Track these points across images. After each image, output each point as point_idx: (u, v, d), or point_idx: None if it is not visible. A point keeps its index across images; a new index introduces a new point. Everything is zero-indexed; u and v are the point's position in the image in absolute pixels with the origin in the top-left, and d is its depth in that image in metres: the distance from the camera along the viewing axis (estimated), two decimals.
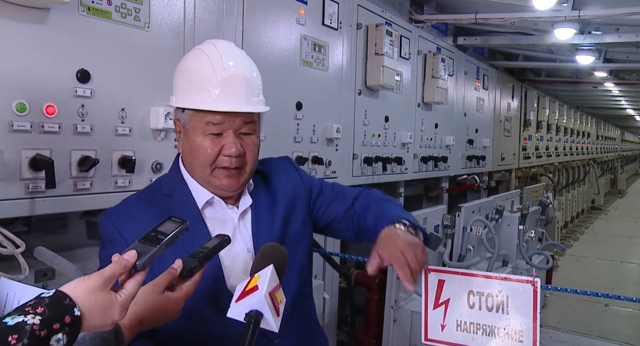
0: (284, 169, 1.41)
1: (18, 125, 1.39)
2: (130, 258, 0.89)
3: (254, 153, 1.25)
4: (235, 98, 1.20)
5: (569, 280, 5.33)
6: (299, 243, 1.34)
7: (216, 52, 1.23)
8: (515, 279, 1.30)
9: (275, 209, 1.32)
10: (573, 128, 9.43)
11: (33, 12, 1.41)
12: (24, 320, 0.72)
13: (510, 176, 5.90)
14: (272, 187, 1.35)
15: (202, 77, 1.19)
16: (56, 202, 1.49)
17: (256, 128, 1.26)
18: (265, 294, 0.88)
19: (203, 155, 1.20)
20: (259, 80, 1.27)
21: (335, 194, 1.43)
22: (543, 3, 3.28)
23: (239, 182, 1.24)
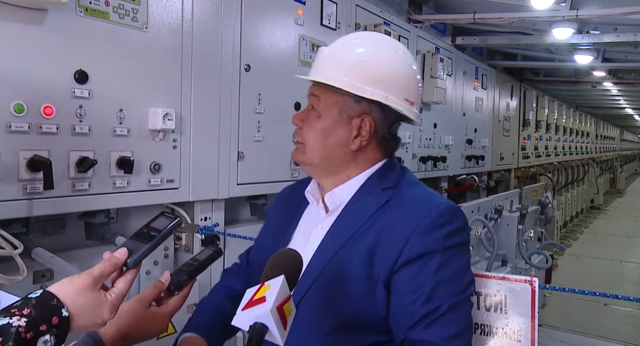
0: (411, 218, 1.06)
1: (16, 126, 1.39)
2: (120, 256, 0.87)
3: (308, 129, 1.14)
4: (314, 68, 1.17)
5: (569, 280, 5.34)
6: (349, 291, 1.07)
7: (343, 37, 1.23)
8: (513, 279, 1.30)
9: (357, 239, 1.10)
10: (572, 127, 9.44)
11: (30, 13, 1.41)
12: (9, 322, 0.70)
13: (509, 176, 5.90)
14: (383, 219, 1.09)
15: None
16: (54, 203, 1.49)
17: (319, 105, 1.14)
18: (272, 308, 0.83)
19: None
20: (351, 60, 1.12)
21: (405, 304, 1.03)
22: (541, 3, 3.29)
23: (297, 156, 1.17)
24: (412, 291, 1.02)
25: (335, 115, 1.13)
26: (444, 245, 1.04)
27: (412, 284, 1.02)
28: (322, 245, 1.13)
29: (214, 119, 2.00)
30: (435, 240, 1.04)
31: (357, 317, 1.07)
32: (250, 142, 2.17)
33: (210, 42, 1.96)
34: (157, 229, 0.94)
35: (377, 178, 1.16)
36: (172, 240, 2.04)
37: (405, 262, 1.03)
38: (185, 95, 1.86)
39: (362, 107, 1.12)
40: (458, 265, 1.07)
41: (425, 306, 1.00)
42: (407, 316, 1.01)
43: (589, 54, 5.08)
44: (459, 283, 1.06)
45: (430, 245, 1.03)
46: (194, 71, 1.89)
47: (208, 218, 2.07)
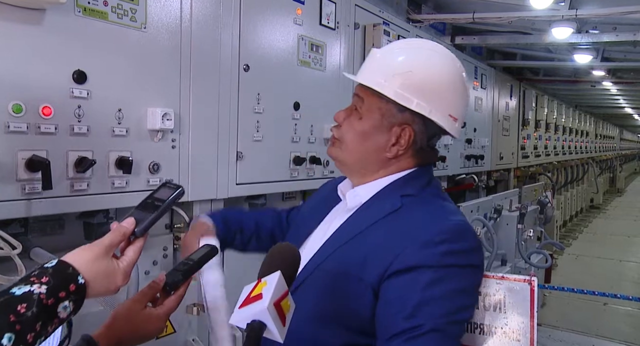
0: (415, 230, 1.05)
1: (14, 126, 1.39)
2: (128, 225, 0.91)
3: (347, 129, 1.16)
4: (363, 69, 1.18)
5: (568, 279, 5.34)
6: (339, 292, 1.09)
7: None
8: (512, 278, 1.30)
9: (359, 240, 1.11)
10: (572, 127, 9.44)
11: (28, 13, 1.41)
12: (30, 289, 0.74)
13: (508, 175, 5.90)
14: (390, 225, 1.09)
15: None
16: (53, 203, 1.49)
17: (362, 107, 1.15)
18: (269, 305, 0.82)
19: None
20: (400, 69, 1.11)
21: (388, 314, 1.01)
22: (540, 2, 3.29)
23: (332, 152, 1.20)
24: (397, 303, 0.99)
25: (376, 120, 1.13)
26: (441, 262, 1.01)
27: (399, 295, 1.00)
28: (328, 240, 1.15)
29: (213, 119, 2.00)
30: (431, 255, 1.01)
31: (341, 314, 1.07)
32: (249, 142, 2.17)
33: (209, 42, 1.96)
34: (161, 199, 0.96)
35: (400, 183, 1.16)
36: (171, 240, 2.04)
37: (396, 271, 1.01)
38: (184, 95, 1.86)
39: (404, 116, 1.12)
40: (453, 286, 1.02)
41: (407, 321, 0.97)
42: (388, 326, 1.00)
43: (588, 54, 5.09)
44: (449, 305, 1.01)
45: (424, 259, 1.00)
46: (193, 71, 1.89)
47: None
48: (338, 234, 1.15)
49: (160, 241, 1.99)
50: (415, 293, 0.99)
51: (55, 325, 0.78)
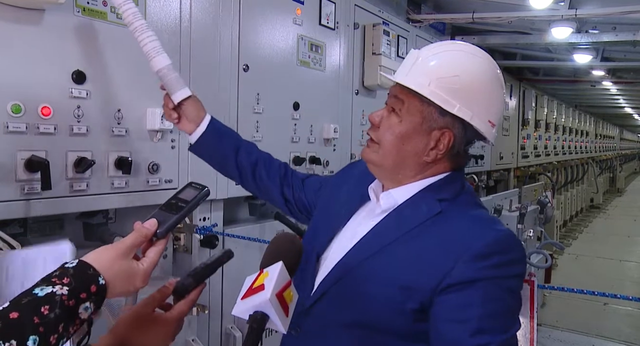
0: (464, 240, 1.03)
1: (13, 126, 1.39)
2: (150, 227, 0.91)
3: (386, 130, 1.13)
4: (399, 70, 1.16)
5: (568, 279, 5.34)
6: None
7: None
8: None
9: (400, 245, 1.09)
10: (571, 127, 9.44)
11: (27, 13, 1.41)
12: (52, 290, 0.74)
13: (508, 175, 5.90)
14: (432, 230, 1.09)
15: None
16: (52, 204, 1.49)
17: (402, 109, 1.12)
18: (271, 296, 0.82)
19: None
20: (444, 72, 1.10)
21: (451, 331, 0.99)
22: (540, 2, 3.29)
23: (369, 153, 1.16)
24: (459, 319, 0.98)
25: (416, 123, 1.11)
26: (494, 275, 1.01)
27: (459, 311, 0.99)
28: (365, 240, 1.13)
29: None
30: (485, 268, 1.00)
31: (381, 320, 1.06)
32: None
33: (208, 42, 1.96)
34: (185, 200, 0.95)
35: (435, 187, 1.14)
36: (171, 241, 2.04)
37: (450, 285, 1.00)
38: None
39: (445, 120, 1.10)
40: (509, 298, 1.03)
41: (474, 338, 0.96)
42: (451, 342, 0.98)
43: (588, 53, 5.08)
44: (509, 318, 1.02)
45: (478, 273, 0.99)
46: (192, 71, 1.89)
47: (207, 218, 2.07)
48: (372, 238, 1.13)
49: None
50: (476, 309, 0.98)
51: (77, 326, 0.78)
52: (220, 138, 1.44)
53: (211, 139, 1.43)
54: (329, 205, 1.30)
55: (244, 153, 1.47)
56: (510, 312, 1.03)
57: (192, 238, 2.02)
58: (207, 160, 1.51)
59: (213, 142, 1.43)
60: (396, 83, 1.14)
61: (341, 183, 1.35)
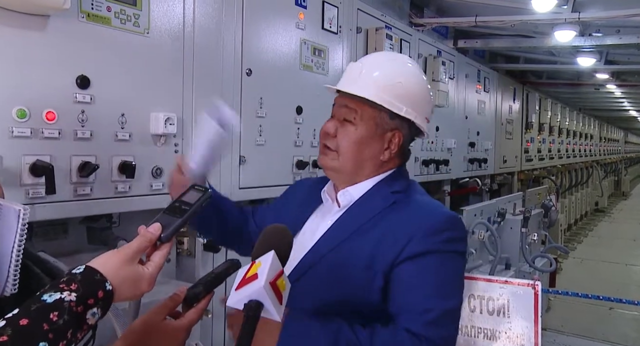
0: (418, 220, 1.17)
1: (18, 131, 1.40)
2: (154, 231, 0.91)
3: (345, 139, 1.23)
4: (343, 80, 1.27)
5: (573, 283, 5.31)
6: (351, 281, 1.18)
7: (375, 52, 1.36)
8: (516, 282, 1.30)
9: (361, 233, 1.21)
10: (575, 130, 9.41)
11: (32, 19, 1.42)
12: (61, 297, 0.75)
13: (512, 179, 5.88)
14: (389, 218, 1.21)
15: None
16: (56, 208, 1.49)
17: (356, 118, 1.23)
18: (265, 284, 0.84)
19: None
20: (389, 80, 1.23)
21: (407, 297, 1.12)
22: (542, 5, 3.29)
23: (328, 161, 1.27)
24: (414, 286, 1.12)
25: (371, 128, 1.23)
26: (445, 248, 1.15)
27: (415, 279, 1.12)
28: (328, 233, 1.24)
29: None
30: (437, 242, 1.14)
31: (350, 302, 1.17)
32: (252, 146, 2.17)
33: (211, 46, 1.97)
34: (188, 203, 0.95)
35: (387, 182, 1.28)
36: (175, 245, 2.04)
37: (407, 258, 1.13)
38: (187, 100, 1.87)
39: (395, 123, 1.25)
40: (456, 270, 1.18)
41: (426, 301, 1.09)
42: (405, 305, 1.11)
43: (592, 56, 5.08)
44: (455, 288, 1.16)
45: (431, 245, 1.13)
46: (196, 75, 1.90)
47: None
48: (336, 229, 1.24)
49: None
50: (429, 277, 1.12)
51: (85, 332, 0.78)
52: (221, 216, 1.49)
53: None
54: (282, 214, 1.39)
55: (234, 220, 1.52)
56: (457, 285, 1.17)
57: (195, 242, 2.02)
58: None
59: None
60: (342, 93, 1.25)
61: (289, 200, 1.46)
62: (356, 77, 1.24)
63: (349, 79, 1.26)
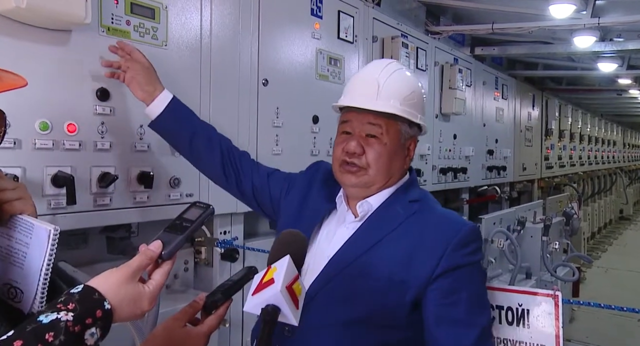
0: (445, 233, 1.19)
1: (41, 143, 1.43)
2: (155, 248, 0.90)
3: (377, 157, 1.24)
4: (360, 96, 1.26)
5: (598, 293, 5.18)
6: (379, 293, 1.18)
7: (370, 63, 1.37)
8: (535, 292, 1.27)
9: (387, 244, 1.21)
10: (597, 136, 9.24)
11: (55, 34, 1.46)
12: (57, 317, 0.74)
13: (532, 186, 5.79)
14: (413, 229, 1.22)
15: (349, 81, 1.35)
16: (77, 218, 1.52)
17: (383, 133, 1.24)
18: (281, 288, 0.84)
19: (335, 150, 1.30)
20: (404, 91, 1.26)
21: (448, 318, 1.15)
22: (560, 12, 3.25)
23: (357, 179, 1.26)
24: (452, 302, 1.15)
25: (397, 141, 1.27)
26: (473, 260, 1.20)
27: (450, 294, 1.15)
28: (350, 244, 1.24)
29: (233, 134, 2.02)
30: (466, 255, 1.18)
31: (377, 314, 1.17)
32: (268, 156, 2.18)
33: (228, 57, 2.00)
34: (189, 220, 0.96)
35: (403, 190, 1.30)
36: (192, 254, 2.06)
37: (441, 273, 1.15)
38: (204, 110, 1.89)
39: (412, 131, 1.30)
40: (484, 279, 1.27)
41: (471, 315, 1.15)
42: (444, 317, 1.15)
43: (613, 62, 4.99)
44: (486, 297, 1.24)
45: (461, 259, 1.17)
46: (213, 86, 1.92)
47: (227, 231, 2.09)
48: (358, 240, 1.23)
49: (181, 255, 2.01)
50: (465, 292, 1.16)
51: None
52: (177, 123, 1.52)
53: (170, 121, 1.51)
54: (299, 212, 1.39)
55: (204, 141, 1.53)
56: (486, 294, 1.25)
57: (212, 251, 2.04)
58: (167, 140, 1.60)
59: (171, 124, 1.52)
60: (358, 110, 1.25)
61: (307, 188, 1.44)
62: (375, 92, 1.24)
63: (368, 95, 1.24)
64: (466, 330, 1.14)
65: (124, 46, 1.53)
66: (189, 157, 1.58)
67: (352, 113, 1.27)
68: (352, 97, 1.28)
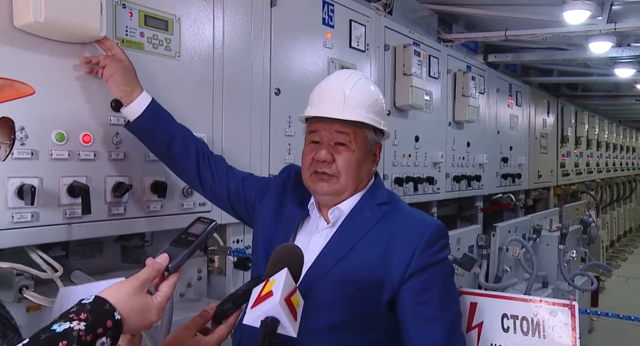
0: (414, 234, 1.26)
1: (57, 154, 1.46)
2: (162, 261, 0.93)
3: (347, 164, 1.29)
4: (327, 107, 1.31)
5: (619, 303, 5.07)
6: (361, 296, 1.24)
7: (333, 75, 1.42)
8: (551, 302, 1.25)
9: (361, 248, 1.27)
10: (616, 143, 9.09)
11: (71, 47, 1.49)
12: (70, 326, 0.76)
13: (548, 194, 5.71)
14: (383, 232, 1.28)
15: (313, 93, 1.39)
16: (92, 227, 1.54)
17: (351, 141, 1.29)
18: (280, 300, 0.87)
19: (304, 160, 1.35)
20: (368, 100, 1.32)
21: (422, 316, 1.23)
22: (575, 18, 3.22)
23: (329, 187, 1.30)
24: (424, 300, 1.22)
25: (365, 148, 1.32)
26: (441, 257, 1.27)
27: (423, 293, 1.22)
28: (326, 251, 1.28)
29: (245, 143, 2.04)
30: (435, 252, 1.25)
31: (359, 317, 1.23)
32: (281, 165, 2.17)
33: (240, 67, 2.02)
34: (194, 234, 1.00)
35: (371, 194, 1.36)
36: (205, 263, 2.07)
37: (413, 273, 1.22)
38: (217, 120, 1.91)
39: (377, 137, 1.37)
40: (452, 274, 1.35)
41: (443, 312, 1.23)
42: (421, 317, 1.22)
43: (631, 67, 4.92)
44: (455, 294, 1.33)
45: (430, 257, 1.24)
46: (225, 96, 1.94)
47: (240, 240, 2.10)
48: (334, 246, 1.28)
49: (195, 263, 2.02)
50: (436, 289, 1.23)
51: None
52: (155, 126, 1.52)
53: (147, 124, 1.51)
54: (275, 219, 1.41)
55: (181, 145, 1.54)
56: (455, 288, 1.33)
57: (225, 260, 2.04)
58: (143, 142, 1.59)
59: (149, 127, 1.51)
60: (326, 119, 1.29)
61: (281, 194, 1.46)
62: (342, 102, 1.28)
63: (335, 105, 1.29)
64: (439, 325, 1.22)
65: (105, 41, 1.51)
66: (166, 160, 1.59)
67: (320, 124, 1.32)
68: (320, 107, 1.32)
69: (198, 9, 1.84)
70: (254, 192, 1.53)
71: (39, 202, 1.40)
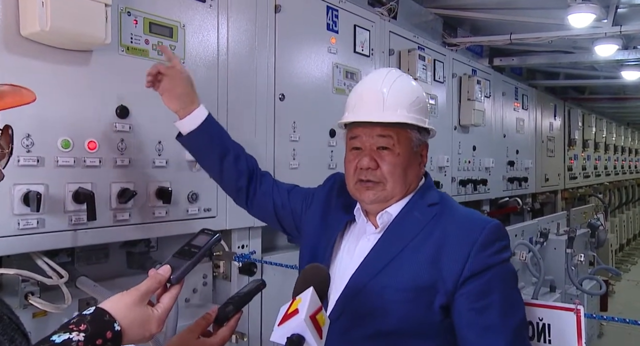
0: (468, 235, 1.16)
1: (63, 160, 1.47)
2: (164, 273, 0.93)
3: (392, 169, 1.21)
4: (365, 110, 1.24)
5: (629, 307, 5.01)
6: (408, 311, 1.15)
7: (370, 75, 1.33)
8: (556, 307, 1.24)
9: (410, 251, 1.19)
10: (624, 146, 9.02)
11: (77, 55, 1.51)
12: (69, 337, 0.76)
13: (555, 197, 5.67)
14: (435, 233, 1.19)
15: (350, 96, 1.32)
16: (97, 233, 1.55)
17: (395, 144, 1.21)
18: (305, 317, 0.87)
19: (347, 169, 1.28)
20: (409, 98, 1.23)
21: (481, 323, 1.12)
22: (580, 21, 3.21)
23: (376, 195, 1.23)
24: (484, 306, 1.12)
25: (410, 149, 1.24)
26: (501, 259, 1.16)
27: (482, 298, 1.12)
28: (372, 255, 1.22)
29: (250, 148, 2.03)
30: (493, 254, 1.15)
31: (407, 324, 1.15)
32: (285, 170, 2.19)
33: (245, 73, 2.02)
34: (197, 246, 1.00)
35: (420, 196, 1.27)
36: (211, 268, 2.07)
37: (469, 276, 1.12)
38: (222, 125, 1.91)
39: (422, 136, 1.28)
40: (514, 277, 1.20)
41: (505, 319, 1.12)
42: (480, 324, 1.11)
43: (638, 70, 4.89)
44: (519, 297, 1.19)
45: (488, 259, 1.14)
46: (230, 102, 1.95)
47: (245, 245, 2.10)
48: (379, 251, 1.21)
49: (200, 269, 2.02)
50: (496, 294, 1.13)
51: None
52: (210, 141, 1.49)
53: (202, 139, 1.48)
54: (321, 228, 1.37)
55: (233, 162, 1.51)
56: (519, 292, 1.20)
57: (230, 265, 2.04)
58: (194, 155, 1.57)
59: (203, 142, 1.48)
60: (366, 124, 1.22)
61: (326, 202, 1.42)
62: (381, 103, 1.21)
63: (374, 107, 1.22)
64: (500, 333, 1.11)
65: (165, 50, 1.51)
66: (216, 175, 1.55)
67: (360, 128, 1.24)
68: (358, 111, 1.24)
69: (202, 16, 1.86)
70: (299, 203, 1.48)
71: (45, 209, 1.41)
